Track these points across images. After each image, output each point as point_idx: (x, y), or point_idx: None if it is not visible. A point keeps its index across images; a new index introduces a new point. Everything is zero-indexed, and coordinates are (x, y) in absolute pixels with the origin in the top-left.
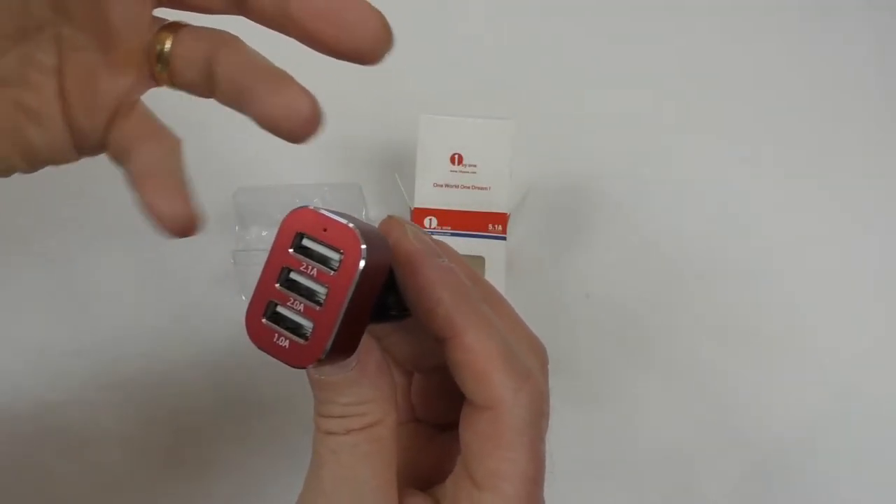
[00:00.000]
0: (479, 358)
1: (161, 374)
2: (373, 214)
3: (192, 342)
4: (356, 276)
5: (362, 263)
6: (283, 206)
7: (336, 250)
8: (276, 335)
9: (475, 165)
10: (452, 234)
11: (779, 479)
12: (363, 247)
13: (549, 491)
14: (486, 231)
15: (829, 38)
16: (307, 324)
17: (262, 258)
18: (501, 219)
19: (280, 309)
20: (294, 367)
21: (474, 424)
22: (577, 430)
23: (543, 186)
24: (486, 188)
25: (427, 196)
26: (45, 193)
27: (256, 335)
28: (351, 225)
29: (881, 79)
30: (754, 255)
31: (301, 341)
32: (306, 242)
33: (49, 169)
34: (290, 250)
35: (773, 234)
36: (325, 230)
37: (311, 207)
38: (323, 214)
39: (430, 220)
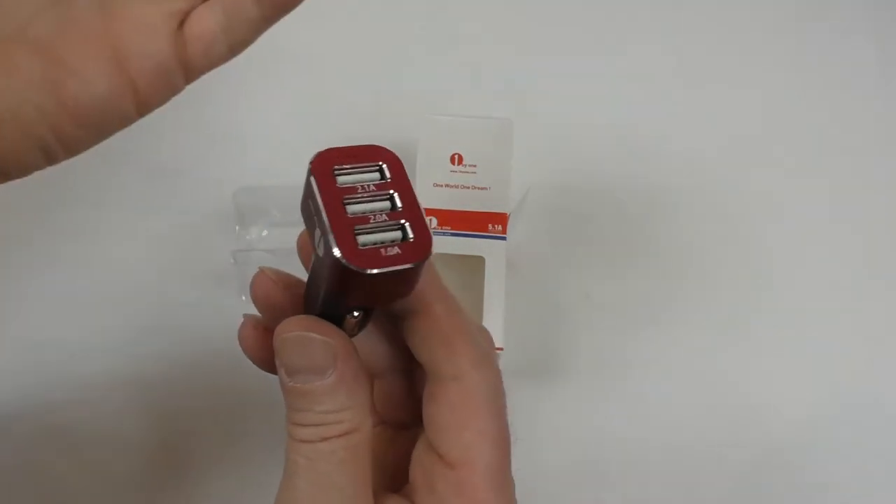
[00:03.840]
0: (449, 328)
1: (161, 374)
2: None
3: (192, 342)
4: (404, 170)
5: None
6: (284, 206)
7: (375, 166)
8: (382, 249)
9: (475, 165)
10: (452, 234)
11: (779, 478)
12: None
13: (548, 491)
14: (486, 231)
15: (829, 37)
16: (398, 229)
17: (262, 258)
18: (501, 219)
19: (362, 233)
20: (415, 264)
21: (442, 397)
22: (576, 430)
23: (543, 186)
24: (486, 188)
25: (427, 196)
26: (46, 196)
27: (363, 261)
28: (370, 143)
29: (881, 79)
30: (755, 255)
31: (408, 241)
32: (340, 176)
33: (49, 171)
34: (337, 185)
35: (773, 234)
36: (354, 157)
37: (326, 149)
38: (343, 148)
39: (430, 220)
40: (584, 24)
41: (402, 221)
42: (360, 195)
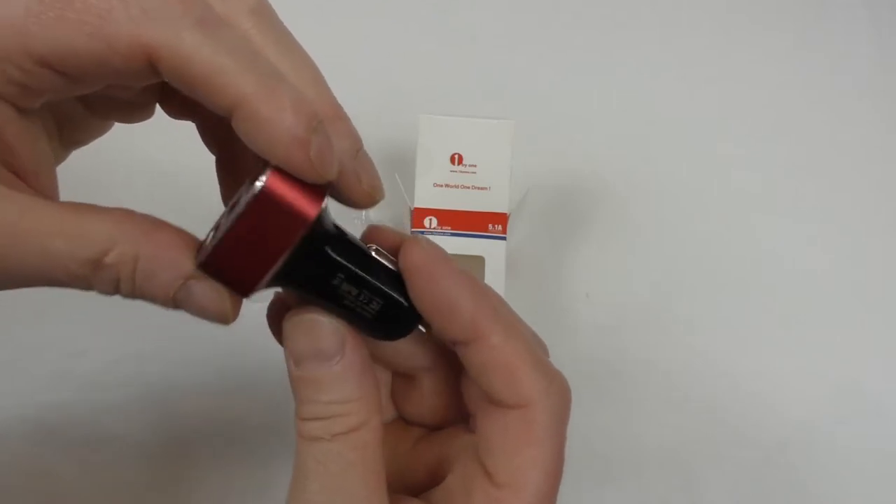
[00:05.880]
0: (510, 358)
1: (161, 374)
2: (373, 216)
3: (193, 342)
4: (241, 214)
5: (246, 203)
6: None
7: (250, 196)
8: (203, 241)
9: (475, 165)
10: (452, 234)
11: (779, 478)
12: (255, 191)
13: None
14: (486, 231)
15: (829, 37)
16: (208, 241)
17: None
18: (501, 219)
19: (211, 231)
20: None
21: (501, 422)
22: (577, 430)
23: (543, 186)
24: (486, 188)
25: (427, 196)
26: None
27: (199, 250)
28: (264, 177)
29: (881, 78)
30: (754, 254)
31: (205, 249)
32: (257, 182)
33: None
34: (246, 185)
35: (773, 232)
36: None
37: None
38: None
39: (430, 220)
40: (585, 23)
41: (210, 236)
42: (236, 203)
